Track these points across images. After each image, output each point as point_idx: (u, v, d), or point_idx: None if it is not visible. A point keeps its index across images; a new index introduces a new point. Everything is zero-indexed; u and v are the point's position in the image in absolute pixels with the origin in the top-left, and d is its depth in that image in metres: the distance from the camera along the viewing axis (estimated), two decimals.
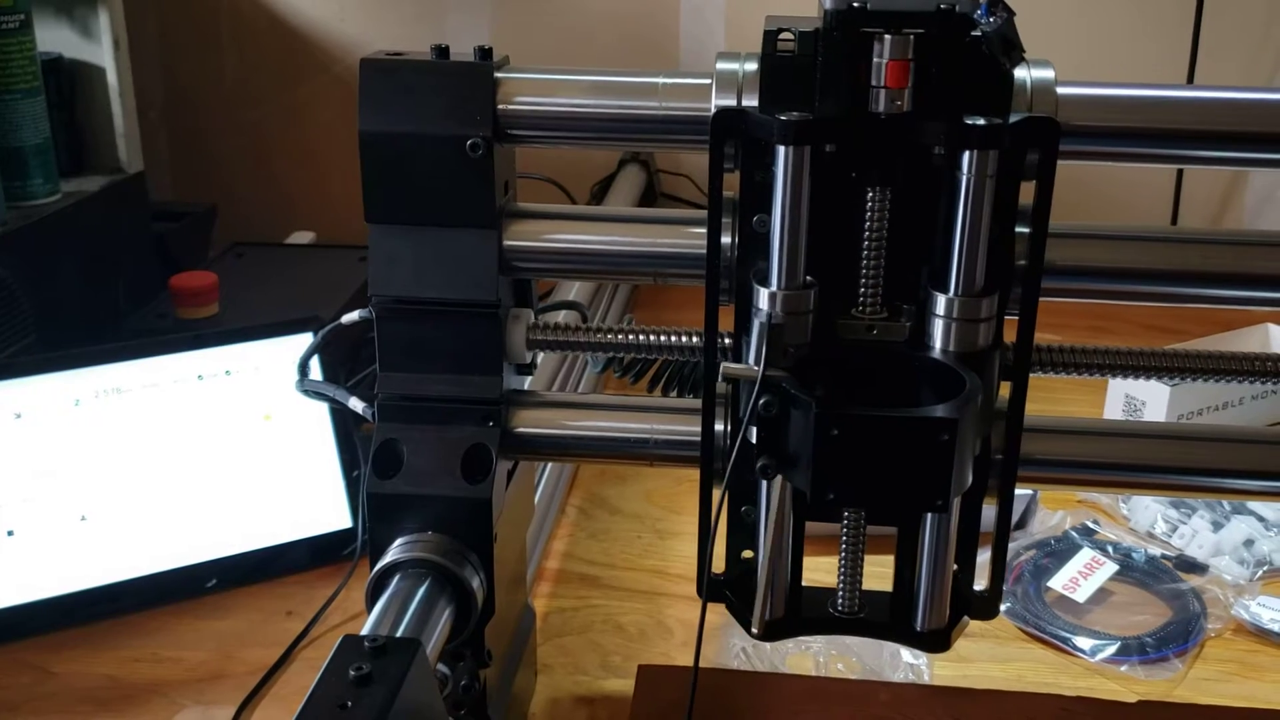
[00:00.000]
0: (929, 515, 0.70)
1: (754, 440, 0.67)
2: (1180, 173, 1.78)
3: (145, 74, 1.61)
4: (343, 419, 1.08)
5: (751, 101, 0.68)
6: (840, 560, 0.73)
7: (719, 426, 0.74)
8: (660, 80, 0.72)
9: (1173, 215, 1.81)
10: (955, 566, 0.72)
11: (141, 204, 1.45)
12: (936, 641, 0.73)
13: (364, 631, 0.67)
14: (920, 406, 0.66)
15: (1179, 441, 0.79)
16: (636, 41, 1.82)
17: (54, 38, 1.38)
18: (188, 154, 1.89)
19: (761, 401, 0.64)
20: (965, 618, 0.74)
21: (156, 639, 0.98)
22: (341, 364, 1.11)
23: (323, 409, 1.07)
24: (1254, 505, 1.12)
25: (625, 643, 0.98)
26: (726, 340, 0.73)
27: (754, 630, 0.73)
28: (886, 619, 0.74)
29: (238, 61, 1.86)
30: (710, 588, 0.74)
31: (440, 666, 0.74)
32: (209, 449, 1.04)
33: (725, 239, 0.70)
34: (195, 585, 1.02)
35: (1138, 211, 1.82)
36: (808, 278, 0.68)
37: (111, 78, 1.40)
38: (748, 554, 0.76)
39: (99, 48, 1.39)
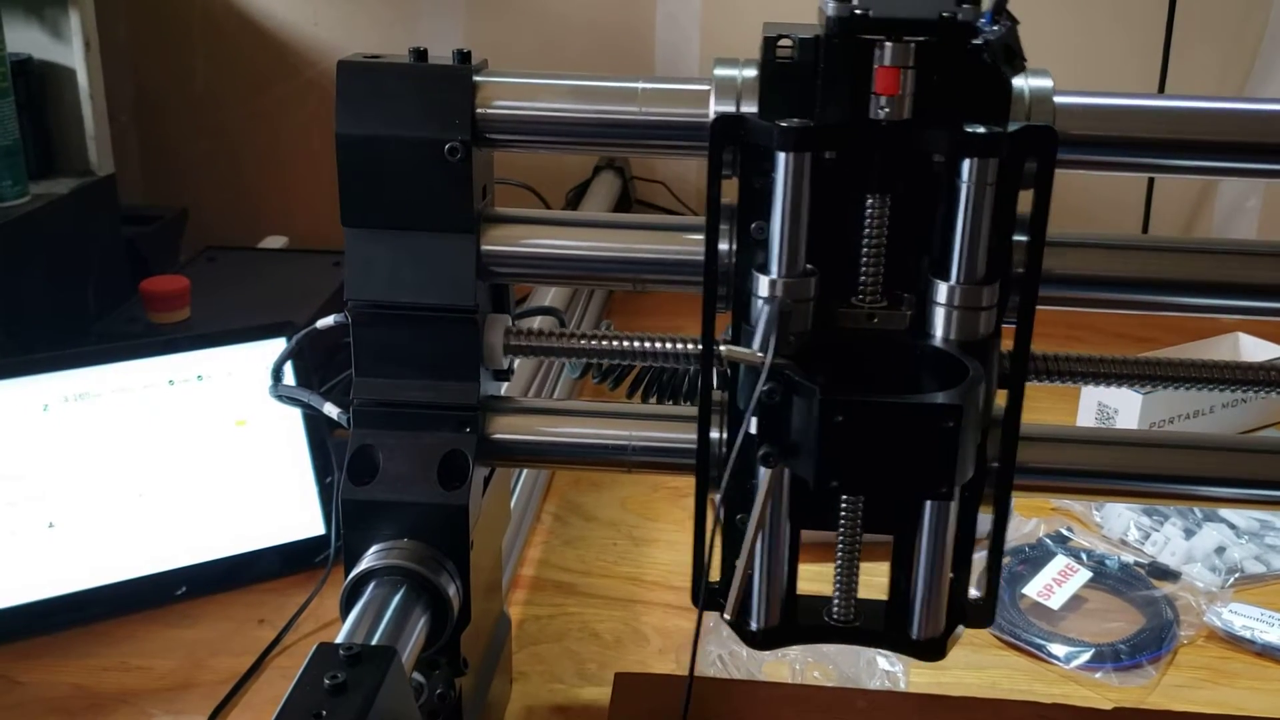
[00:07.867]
0: (925, 520, 0.69)
1: (754, 431, 0.65)
2: (1150, 186, 1.79)
3: (116, 76, 1.60)
4: (316, 425, 1.07)
5: (750, 108, 0.68)
6: (836, 568, 0.72)
7: (712, 434, 0.73)
8: (640, 85, 0.71)
9: (1143, 227, 1.82)
10: (951, 574, 0.71)
11: (112, 207, 1.43)
12: (932, 650, 0.72)
13: (339, 640, 0.66)
14: (922, 393, 0.65)
15: (1179, 451, 0.78)
16: (611, 50, 1.81)
17: (23, 38, 1.36)
18: (159, 157, 1.87)
19: (765, 389, 0.63)
20: (960, 626, 0.73)
21: (125, 647, 0.96)
22: (316, 369, 1.09)
23: (295, 415, 1.06)
24: (1225, 513, 1.13)
25: (601, 650, 0.97)
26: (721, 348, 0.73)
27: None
28: (882, 627, 0.73)
29: (210, 65, 1.84)
30: (707, 596, 0.73)
31: (415, 675, 0.73)
32: (180, 455, 1.02)
33: (723, 245, 0.70)
34: (165, 593, 1.01)
35: (1107, 224, 1.83)
36: (808, 265, 0.67)
37: (82, 79, 1.38)
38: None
39: (69, 49, 1.38)
